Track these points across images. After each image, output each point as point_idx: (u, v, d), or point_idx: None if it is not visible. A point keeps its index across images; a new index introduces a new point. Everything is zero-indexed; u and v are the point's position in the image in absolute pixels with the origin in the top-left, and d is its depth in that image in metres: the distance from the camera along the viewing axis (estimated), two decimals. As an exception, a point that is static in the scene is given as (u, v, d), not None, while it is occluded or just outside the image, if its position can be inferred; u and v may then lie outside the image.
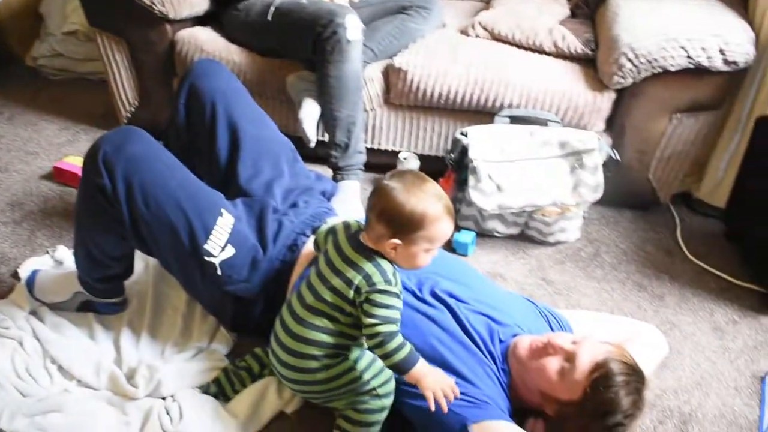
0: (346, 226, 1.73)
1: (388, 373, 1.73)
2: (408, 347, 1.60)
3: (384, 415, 1.76)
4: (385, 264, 1.63)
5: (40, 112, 3.24)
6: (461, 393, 1.73)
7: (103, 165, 1.80)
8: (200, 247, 1.86)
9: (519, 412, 1.81)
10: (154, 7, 2.70)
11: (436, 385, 1.60)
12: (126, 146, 1.83)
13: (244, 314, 2.02)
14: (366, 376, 1.70)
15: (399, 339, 1.59)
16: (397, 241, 1.59)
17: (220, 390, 1.92)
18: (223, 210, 1.91)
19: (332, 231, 1.75)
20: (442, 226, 1.60)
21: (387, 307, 1.59)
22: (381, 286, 1.60)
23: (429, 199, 1.58)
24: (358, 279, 1.61)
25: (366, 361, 1.71)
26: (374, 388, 1.71)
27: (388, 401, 1.75)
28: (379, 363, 1.72)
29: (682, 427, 1.99)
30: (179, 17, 2.80)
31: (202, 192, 1.93)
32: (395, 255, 1.62)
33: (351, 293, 1.62)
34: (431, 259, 1.67)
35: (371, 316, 1.59)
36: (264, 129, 2.24)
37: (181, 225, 1.84)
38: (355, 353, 1.71)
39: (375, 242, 1.63)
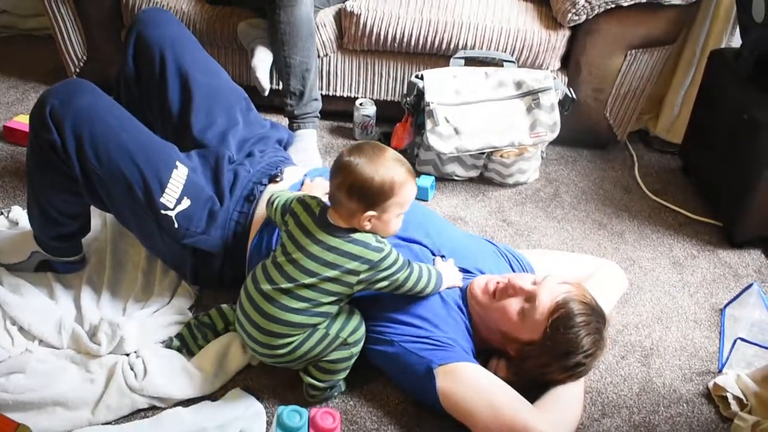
0: (306, 206, 1.71)
1: (356, 320, 1.74)
2: (433, 275, 1.76)
3: (352, 361, 1.77)
4: (364, 236, 1.64)
5: (-14, 71, 3.16)
6: (425, 336, 1.75)
7: (51, 119, 1.75)
8: (156, 200, 1.82)
9: (482, 353, 1.83)
10: (98, -42, 2.62)
11: (456, 278, 1.86)
12: (74, 99, 1.78)
13: (205, 267, 2.00)
14: (335, 332, 1.70)
15: (420, 276, 1.73)
16: (372, 212, 1.61)
17: (184, 344, 1.90)
18: (177, 162, 1.88)
19: (291, 212, 1.73)
20: (410, 188, 1.65)
21: (390, 267, 1.66)
22: (377, 258, 1.64)
23: (393, 166, 1.61)
24: (363, 268, 1.63)
25: (336, 321, 1.71)
26: (344, 339, 1.71)
27: (357, 349, 1.75)
28: (346, 313, 1.73)
29: (643, 361, 2.02)
30: (124, -33, 2.72)
31: (156, 144, 1.89)
32: (371, 227, 1.64)
33: (354, 280, 1.64)
34: (401, 221, 1.70)
35: (389, 285, 1.69)
36: (216, 78, 2.20)
37: (135, 179, 1.81)
38: (327, 324, 1.71)
39: (347, 219, 1.63)
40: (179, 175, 1.86)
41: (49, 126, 1.75)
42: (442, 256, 1.93)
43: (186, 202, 1.87)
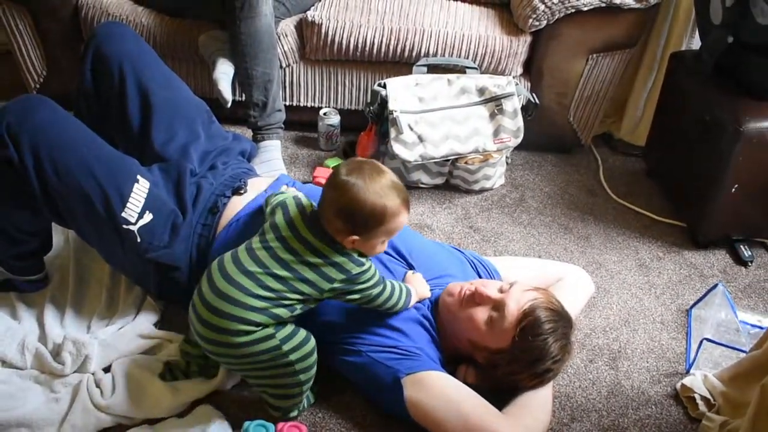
0: (298, 203, 1.69)
1: (309, 347, 1.67)
2: (404, 292, 1.75)
3: (305, 387, 1.72)
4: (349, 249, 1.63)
5: (-57, 89, 3.11)
6: (393, 346, 1.74)
7: (7, 136, 1.73)
8: (117, 215, 1.80)
9: (451, 360, 1.82)
10: (54, -29, 2.59)
11: (424, 290, 1.84)
12: (30, 115, 1.76)
13: (169, 281, 1.97)
14: (285, 348, 1.62)
15: (391, 294, 1.71)
16: (356, 237, 1.58)
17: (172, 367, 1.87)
18: (138, 176, 1.86)
19: (282, 205, 1.70)
20: (401, 219, 1.62)
21: (366, 282, 1.65)
22: (356, 271, 1.61)
23: (388, 194, 1.57)
24: (339, 277, 1.60)
25: (291, 336, 1.64)
26: (292, 362, 1.64)
27: (305, 376, 1.68)
28: (302, 335, 1.66)
29: (611, 364, 2.03)
30: (82, -20, 2.69)
31: (116, 159, 1.87)
32: (354, 247, 1.61)
33: (327, 286, 1.60)
34: (386, 246, 1.69)
35: (360, 299, 1.67)
36: (175, 91, 2.18)
37: (96, 194, 1.78)
38: (284, 331, 1.63)
39: (333, 234, 1.60)
40: (141, 189, 1.84)
41: (5, 142, 1.73)
42: (412, 268, 1.92)
43: (148, 216, 1.84)
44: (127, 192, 1.82)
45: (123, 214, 1.80)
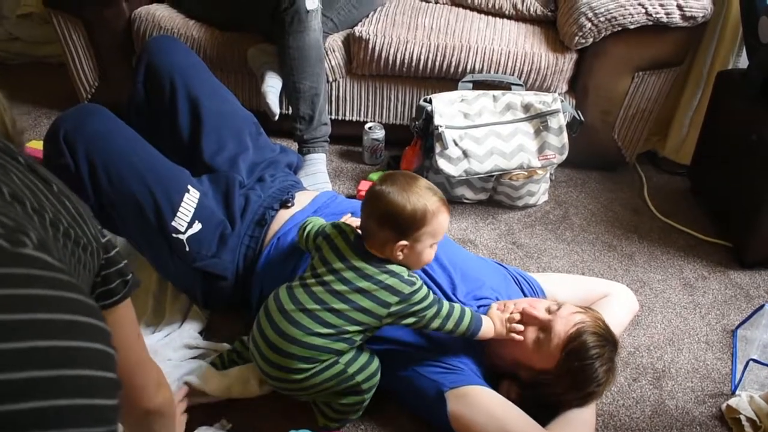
0: (341, 231, 1.70)
1: (375, 366, 1.70)
2: (466, 317, 1.68)
3: (365, 404, 1.75)
4: (397, 268, 1.63)
5: (-2, 98, 3.18)
6: (437, 359, 1.75)
7: (64, 144, 1.78)
8: (167, 224, 1.84)
9: (493, 375, 1.82)
10: (109, -15, 2.65)
11: (502, 329, 1.73)
12: (86, 124, 1.82)
13: (215, 291, 2.00)
14: (353, 371, 1.66)
15: (449, 314, 1.66)
16: (404, 242, 1.60)
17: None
18: (189, 186, 1.90)
19: (324, 235, 1.71)
20: (442, 218, 1.62)
21: (421, 302, 1.63)
22: (408, 291, 1.61)
23: (425, 195, 1.59)
24: (394, 300, 1.60)
25: (354, 359, 1.67)
26: (359, 382, 1.67)
27: (369, 394, 1.72)
28: (366, 356, 1.69)
29: (656, 383, 2.02)
30: (135, -6, 2.76)
31: (167, 168, 1.91)
32: (404, 257, 1.63)
33: (384, 312, 1.61)
34: (434, 252, 1.68)
35: (418, 322, 1.65)
36: (225, 103, 2.22)
37: (147, 202, 1.82)
38: (347, 355, 1.66)
39: (380, 249, 1.62)
40: (191, 199, 1.87)
41: (62, 150, 1.78)
42: (454, 283, 1.91)
43: (197, 226, 1.88)
44: (178, 201, 1.85)
45: (173, 223, 1.84)
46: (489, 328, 1.72)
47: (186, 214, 1.86)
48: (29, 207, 0.86)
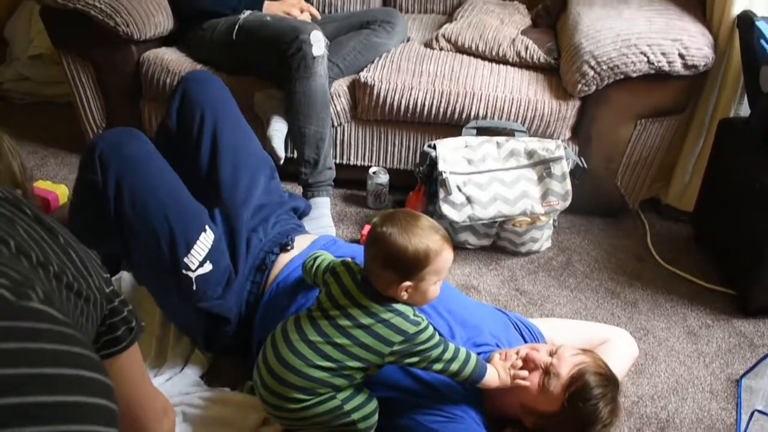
0: (348, 268, 1.71)
1: (372, 407, 1.70)
2: (472, 360, 1.66)
3: None
4: (403, 307, 1.63)
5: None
6: (437, 408, 1.74)
7: (98, 162, 1.84)
8: (179, 259, 1.86)
9: (494, 422, 1.81)
10: (119, 28, 2.69)
11: (507, 378, 1.71)
12: (123, 147, 1.88)
13: (217, 334, 2.00)
14: (349, 409, 1.66)
15: (454, 356, 1.64)
16: (408, 283, 1.59)
17: None
18: (206, 226, 1.93)
19: (332, 272, 1.72)
20: (445, 256, 1.61)
21: (426, 342, 1.61)
22: (413, 330, 1.60)
23: (427, 234, 1.58)
24: (398, 339, 1.59)
25: (352, 396, 1.67)
26: (354, 421, 1.67)
27: None
28: (364, 396, 1.69)
29: (658, 432, 2.01)
30: (144, 38, 2.79)
31: (190, 205, 1.95)
32: (408, 297, 1.62)
33: (387, 350, 1.60)
34: (439, 288, 1.68)
35: (421, 361, 1.63)
36: (246, 141, 2.25)
37: (164, 233, 1.85)
38: (345, 392, 1.66)
39: (385, 289, 1.62)
40: (206, 239, 1.90)
41: (95, 167, 1.84)
42: (452, 330, 1.91)
43: (207, 266, 1.89)
44: (194, 239, 1.88)
45: (185, 259, 1.86)
46: (493, 376, 1.70)
47: (199, 253, 1.88)
48: (35, 259, 0.86)
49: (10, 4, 3.58)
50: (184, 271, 1.86)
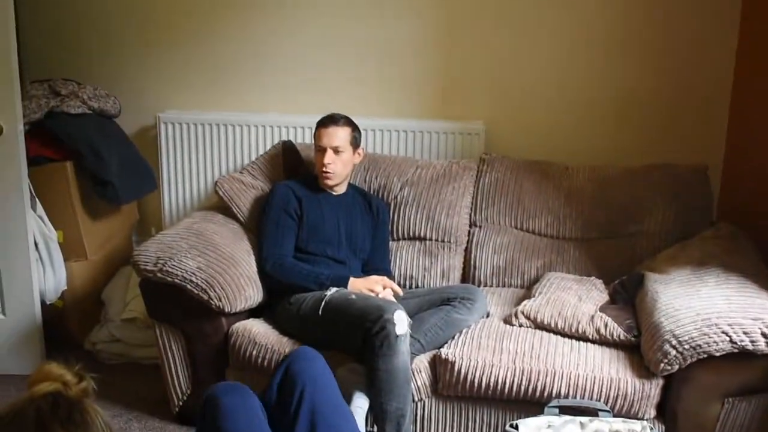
0: None
1: None
2: None
3: None
4: None
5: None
6: None
7: (204, 403, 2.16)
8: None
9: None
10: (212, 302, 2.83)
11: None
12: (223, 396, 2.13)
13: None
14: None
15: None
16: None
17: None
18: None
19: None
20: None
21: None
22: None
23: None
24: None
25: None
26: None
27: None
28: None
29: None
30: (235, 311, 2.92)
31: None
32: None
33: None
34: None
35: None
36: (343, 421, 2.28)
37: None
38: None
39: None
40: None
41: (202, 407, 2.16)
42: None
43: None
44: None
45: None
46: None
47: None
48: None
49: (109, 271, 3.82)
50: None
